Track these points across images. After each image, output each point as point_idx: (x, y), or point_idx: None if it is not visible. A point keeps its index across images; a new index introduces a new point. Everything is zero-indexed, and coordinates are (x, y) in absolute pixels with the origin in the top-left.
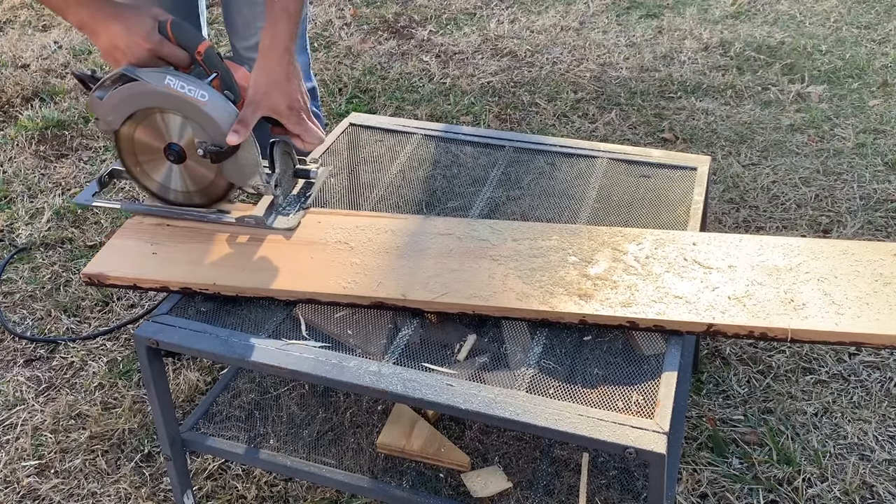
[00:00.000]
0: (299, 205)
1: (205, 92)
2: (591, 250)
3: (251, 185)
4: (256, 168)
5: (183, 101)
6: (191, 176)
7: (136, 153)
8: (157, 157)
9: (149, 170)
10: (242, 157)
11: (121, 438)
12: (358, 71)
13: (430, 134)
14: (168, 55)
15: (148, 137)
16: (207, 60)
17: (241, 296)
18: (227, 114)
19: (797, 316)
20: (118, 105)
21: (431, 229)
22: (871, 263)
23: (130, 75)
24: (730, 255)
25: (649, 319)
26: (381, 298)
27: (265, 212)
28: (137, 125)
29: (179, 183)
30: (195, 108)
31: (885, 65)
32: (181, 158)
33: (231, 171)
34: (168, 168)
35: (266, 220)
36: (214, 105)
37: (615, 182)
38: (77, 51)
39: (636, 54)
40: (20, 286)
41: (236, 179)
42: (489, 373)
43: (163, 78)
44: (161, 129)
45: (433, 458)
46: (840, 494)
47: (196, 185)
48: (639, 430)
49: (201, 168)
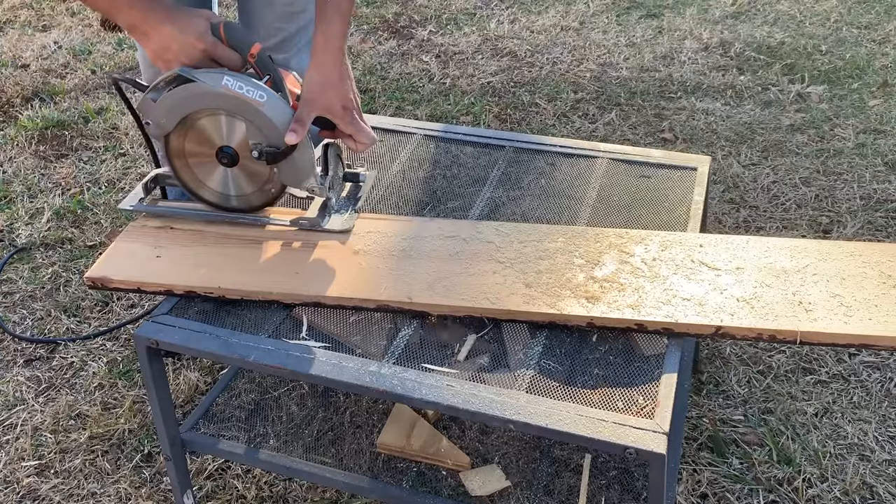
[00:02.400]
0: (351, 207)
1: (263, 93)
2: (597, 252)
3: (306, 187)
4: (312, 170)
5: (241, 102)
6: (243, 179)
7: (186, 156)
8: (208, 160)
9: (199, 173)
10: (298, 158)
11: (121, 438)
12: (358, 71)
13: (430, 134)
14: (221, 57)
15: (200, 141)
16: (260, 63)
17: (245, 299)
18: (285, 115)
19: (806, 318)
20: (173, 107)
21: (436, 231)
22: (879, 265)
23: (187, 76)
24: (737, 257)
25: (657, 322)
26: (386, 301)
27: (318, 214)
28: (189, 128)
29: (231, 186)
30: (253, 110)
31: (885, 65)
32: (234, 161)
33: (286, 173)
34: (219, 172)
35: (321, 223)
36: (272, 106)
37: (615, 182)
38: (77, 51)
39: (636, 54)
40: (20, 286)
41: (291, 182)
42: (489, 373)
43: (220, 79)
44: (213, 131)
45: (433, 458)
46: (840, 495)
47: (248, 188)
48: (639, 430)
49: (254, 171)
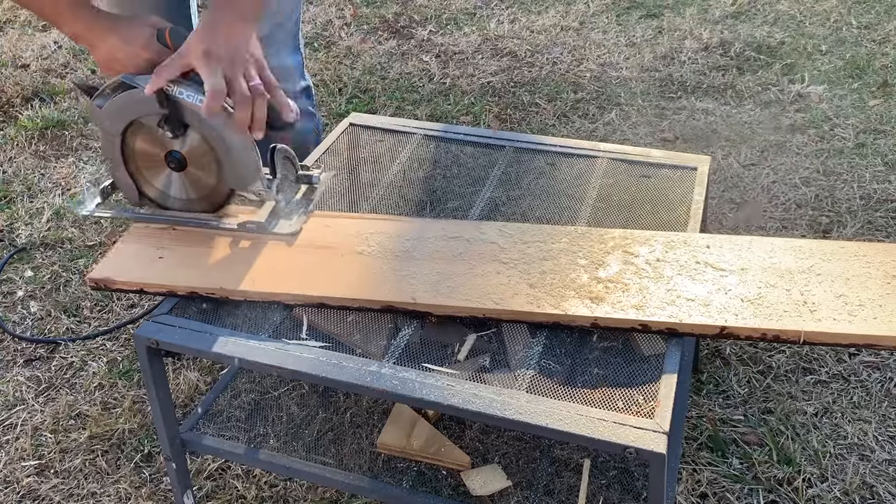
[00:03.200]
0: (302, 210)
1: (202, 97)
2: (601, 253)
3: (252, 190)
4: (257, 174)
5: (182, 107)
6: (192, 183)
7: (136, 161)
8: (157, 164)
9: (149, 177)
10: (242, 162)
11: (121, 438)
12: (358, 71)
13: (430, 134)
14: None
15: (148, 145)
16: None
17: (249, 300)
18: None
19: (811, 318)
20: (117, 113)
21: (439, 232)
22: (883, 265)
23: (129, 83)
24: (741, 258)
25: (662, 322)
26: (391, 302)
27: (267, 217)
28: (138, 133)
29: (180, 190)
30: (194, 114)
31: (885, 65)
32: (182, 166)
33: (232, 177)
34: (168, 175)
35: (268, 226)
36: None
37: (615, 182)
38: (77, 51)
39: (636, 54)
40: (20, 286)
41: (237, 185)
42: (489, 373)
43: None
44: (161, 136)
45: (433, 457)
46: (840, 494)
47: (197, 192)
48: (639, 429)
49: (202, 175)
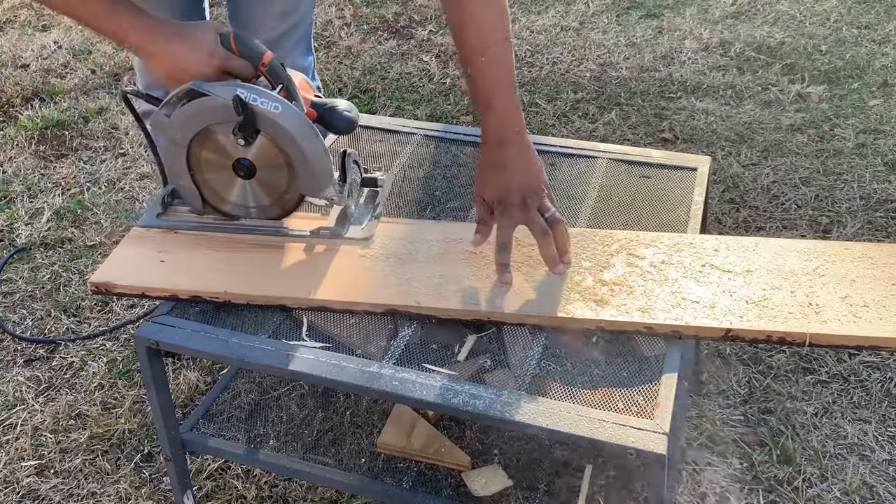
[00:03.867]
0: (371, 214)
1: (277, 104)
2: (605, 255)
3: (324, 195)
4: (330, 179)
5: (256, 114)
6: (260, 190)
7: (202, 170)
8: (224, 173)
9: (215, 186)
10: (316, 168)
11: (121, 438)
12: (358, 71)
13: (430, 134)
14: (234, 69)
15: (215, 153)
16: (272, 72)
17: (252, 303)
18: (300, 124)
19: (816, 319)
20: (187, 121)
21: (442, 235)
22: (887, 266)
23: (199, 90)
24: (746, 259)
25: (667, 325)
26: (394, 306)
27: (337, 222)
28: (204, 141)
29: (249, 198)
30: (269, 121)
31: (885, 65)
32: (251, 173)
33: (306, 182)
34: (237, 184)
35: (342, 231)
36: (287, 116)
37: (615, 182)
38: (77, 51)
39: (636, 54)
40: (20, 286)
41: (309, 191)
42: (489, 373)
43: (233, 91)
44: (229, 144)
45: (433, 457)
46: (840, 494)
47: (266, 199)
48: (639, 430)
49: (272, 182)
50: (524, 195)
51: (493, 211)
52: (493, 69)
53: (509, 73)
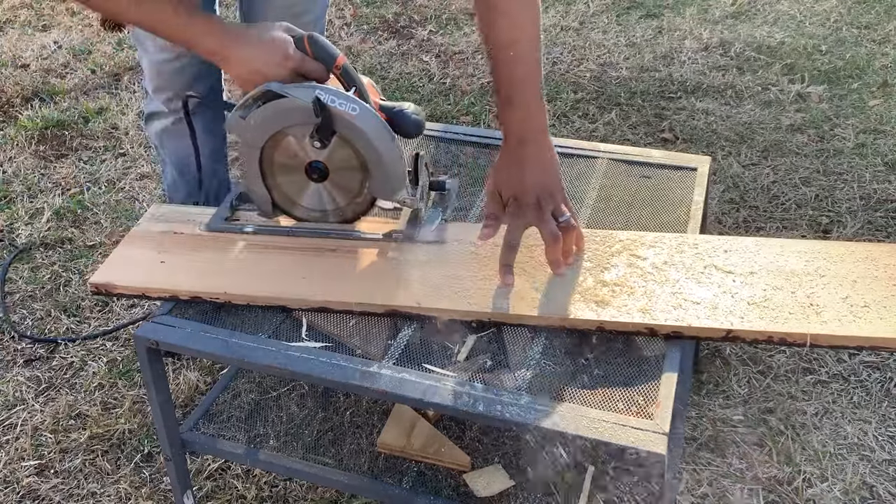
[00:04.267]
0: (440, 216)
1: (355, 105)
2: (606, 255)
3: (397, 199)
4: (403, 182)
5: (334, 115)
6: (333, 193)
7: (274, 173)
8: (296, 176)
9: (287, 190)
10: (391, 170)
11: (121, 438)
12: (358, 71)
13: (430, 134)
14: (309, 71)
15: (288, 157)
16: (345, 74)
17: (252, 304)
18: (376, 125)
19: (817, 320)
20: (264, 123)
21: (443, 235)
22: (888, 267)
23: (278, 92)
24: (747, 260)
25: (668, 326)
26: (395, 306)
27: (408, 225)
28: (277, 144)
29: (321, 201)
30: (346, 122)
31: (885, 65)
32: (324, 176)
33: (379, 185)
34: (309, 187)
35: (415, 234)
36: (364, 117)
37: (615, 182)
38: (77, 50)
39: (636, 54)
40: (20, 286)
41: (382, 194)
42: (489, 373)
43: (311, 93)
44: (302, 147)
45: (433, 457)
46: (840, 494)
47: (338, 202)
48: (639, 430)
49: (344, 185)
50: (539, 196)
51: (506, 208)
52: (520, 65)
53: (536, 72)
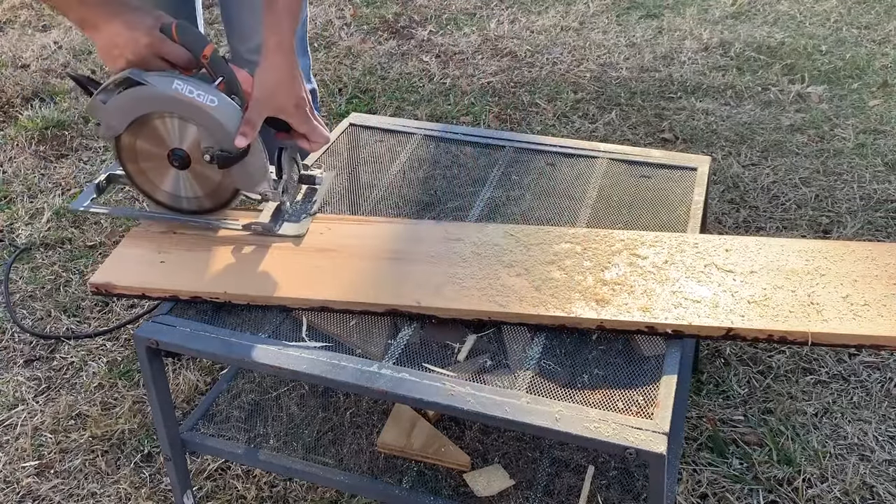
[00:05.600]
0: (306, 211)
1: (213, 97)
2: (606, 255)
3: (259, 191)
4: (265, 174)
5: (191, 105)
6: (195, 182)
7: (137, 159)
8: (159, 162)
9: (151, 176)
10: (251, 162)
11: (121, 438)
12: (358, 71)
13: (430, 134)
14: (168, 54)
15: (150, 142)
16: (213, 64)
17: (252, 304)
18: (237, 118)
19: (817, 319)
20: (122, 110)
21: (443, 234)
22: (889, 266)
23: (136, 79)
24: (747, 259)
25: (668, 324)
26: (395, 306)
27: (271, 218)
28: (140, 130)
29: (183, 189)
30: (204, 113)
31: (885, 65)
32: (186, 164)
33: (239, 176)
34: (171, 174)
35: (274, 227)
36: (224, 110)
37: (615, 182)
38: (77, 51)
39: (636, 54)
40: (20, 286)
41: (244, 185)
42: (489, 373)
43: (171, 82)
44: (164, 133)
45: (433, 457)
46: (840, 495)
47: (201, 190)
48: (639, 430)
49: (206, 174)
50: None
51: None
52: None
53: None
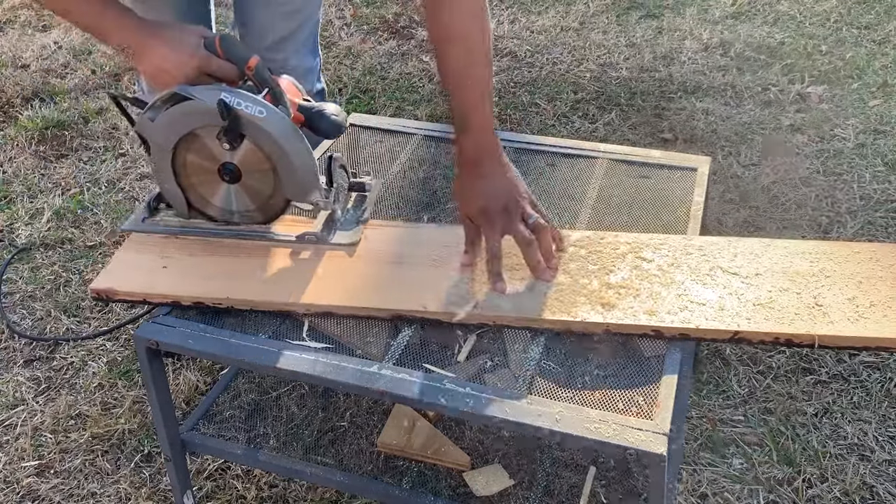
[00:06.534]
0: (357, 219)
1: (262, 108)
2: (611, 258)
3: (310, 200)
4: (315, 183)
5: (240, 118)
6: (247, 195)
7: (187, 174)
8: (210, 176)
9: (202, 191)
10: (301, 171)
11: (121, 438)
12: (358, 71)
13: (430, 134)
14: (216, 71)
15: (201, 157)
16: (258, 75)
17: (255, 309)
18: (285, 128)
19: (823, 321)
20: (171, 125)
21: (445, 239)
22: (893, 267)
23: (183, 94)
24: (753, 261)
25: (674, 328)
26: (400, 311)
27: (323, 227)
28: (190, 145)
29: (235, 203)
30: (253, 125)
31: (885, 65)
32: (237, 178)
33: (290, 187)
34: (222, 188)
35: (327, 237)
36: (272, 120)
37: (615, 183)
38: (77, 51)
39: (636, 54)
40: (20, 286)
41: (294, 195)
42: (489, 374)
43: (217, 95)
44: (214, 148)
45: (433, 457)
46: (840, 495)
47: (252, 204)
48: (639, 431)
49: (257, 186)
50: (505, 203)
51: (476, 223)
52: (472, 91)
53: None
